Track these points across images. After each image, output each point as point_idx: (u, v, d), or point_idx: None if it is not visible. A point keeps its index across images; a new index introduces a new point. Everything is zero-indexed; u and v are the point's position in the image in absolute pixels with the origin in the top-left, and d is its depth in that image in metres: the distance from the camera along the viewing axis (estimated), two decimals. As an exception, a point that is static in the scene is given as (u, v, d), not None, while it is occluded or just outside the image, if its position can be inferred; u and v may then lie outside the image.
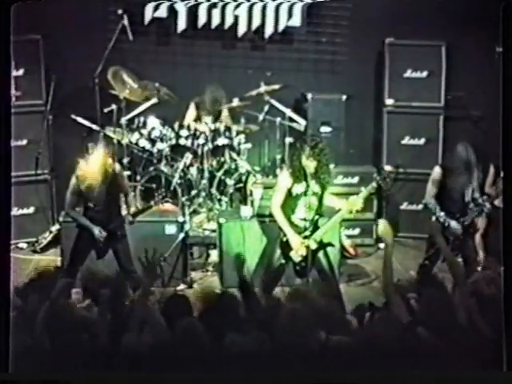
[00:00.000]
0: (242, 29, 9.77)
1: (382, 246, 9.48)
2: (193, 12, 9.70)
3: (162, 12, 9.71)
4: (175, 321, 5.15)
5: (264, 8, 9.71)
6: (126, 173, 8.84)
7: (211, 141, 9.31)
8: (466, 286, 5.60)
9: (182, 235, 8.41)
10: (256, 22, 9.74)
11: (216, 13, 9.69)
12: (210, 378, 4.80)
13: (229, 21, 9.72)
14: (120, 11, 9.44)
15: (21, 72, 9.14)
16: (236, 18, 9.71)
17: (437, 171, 7.63)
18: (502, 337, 5.03)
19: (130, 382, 4.83)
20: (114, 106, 9.36)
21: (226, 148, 9.40)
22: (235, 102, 9.51)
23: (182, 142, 9.37)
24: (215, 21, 9.71)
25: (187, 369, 4.81)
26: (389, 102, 9.76)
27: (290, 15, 9.73)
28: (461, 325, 5.17)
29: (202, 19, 9.71)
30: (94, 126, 9.22)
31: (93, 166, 7.27)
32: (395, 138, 9.80)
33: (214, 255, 8.88)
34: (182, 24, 9.75)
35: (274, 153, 9.67)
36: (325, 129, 9.65)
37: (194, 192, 9.35)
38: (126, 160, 9.31)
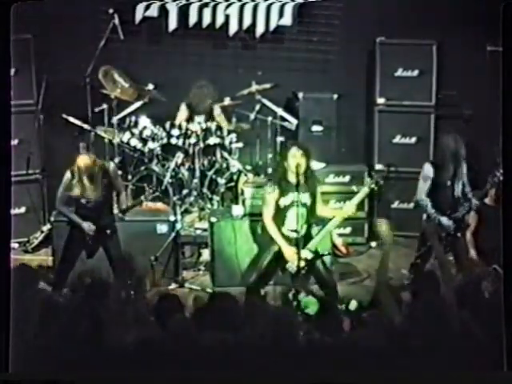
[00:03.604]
0: (233, 28, 9.76)
1: (373, 244, 9.50)
2: (184, 11, 9.69)
3: (153, 11, 9.69)
4: (167, 319, 5.15)
5: (255, 7, 9.70)
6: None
7: (202, 140, 9.29)
8: (455, 286, 5.61)
9: (173, 234, 8.40)
10: (247, 22, 9.73)
11: (207, 12, 9.68)
12: (210, 378, 4.80)
13: (220, 20, 9.71)
14: (111, 10, 9.42)
15: (11, 71, 9.10)
16: (227, 17, 9.70)
17: (427, 168, 7.64)
18: (502, 337, 5.02)
19: (131, 381, 4.82)
20: (105, 106, 9.35)
21: (218, 147, 9.38)
22: (226, 101, 9.51)
23: (173, 141, 9.34)
24: (206, 20, 9.70)
25: (186, 368, 4.80)
26: (380, 100, 9.76)
27: (281, 14, 9.72)
28: (454, 325, 5.17)
29: (193, 18, 9.69)
30: (86, 126, 9.21)
31: (87, 163, 7.24)
32: (386, 136, 9.79)
33: (205, 254, 8.87)
34: (173, 23, 9.74)
35: (266, 152, 9.67)
36: (316, 128, 9.65)
37: (185, 191, 9.34)
38: (117, 159, 9.28)
